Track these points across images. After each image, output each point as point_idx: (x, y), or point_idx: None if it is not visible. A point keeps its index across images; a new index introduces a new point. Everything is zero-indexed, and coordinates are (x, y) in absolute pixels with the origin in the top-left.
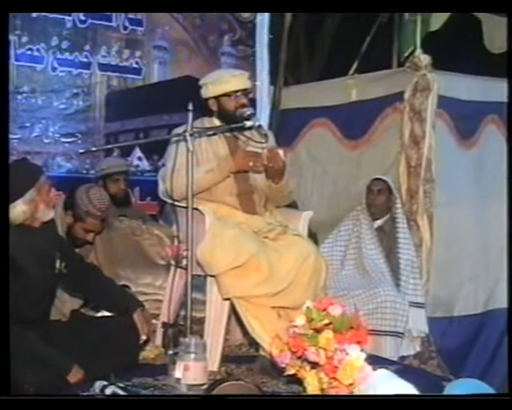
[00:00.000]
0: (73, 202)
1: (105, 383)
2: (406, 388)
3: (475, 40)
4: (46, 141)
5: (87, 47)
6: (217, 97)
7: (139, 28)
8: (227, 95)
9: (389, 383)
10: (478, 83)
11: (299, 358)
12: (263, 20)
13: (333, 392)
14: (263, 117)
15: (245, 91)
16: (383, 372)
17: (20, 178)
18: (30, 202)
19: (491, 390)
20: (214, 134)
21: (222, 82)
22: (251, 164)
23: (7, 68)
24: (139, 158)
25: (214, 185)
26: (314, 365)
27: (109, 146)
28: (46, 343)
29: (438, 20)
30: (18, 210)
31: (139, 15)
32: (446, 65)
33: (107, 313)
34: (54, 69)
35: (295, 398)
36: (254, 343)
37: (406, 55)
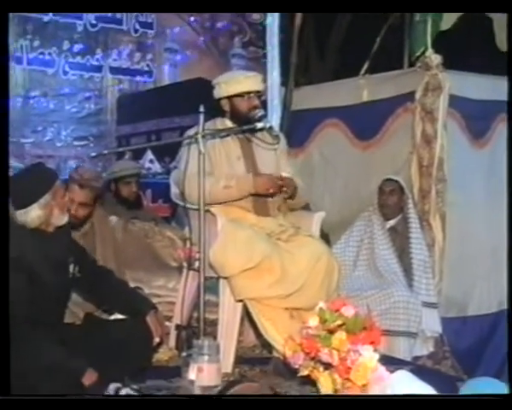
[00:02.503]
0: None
1: (119, 385)
2: (425, 389)
3: (486, 39)
4: (58, 144)
5: (98, 50)
6: (229, 98)
7: (149, 31)
8: (240, 95)
9: (408, 385)
10: (489, 82)
11: (313, 359)
12: (273, 21)
13: (346, 393)
14: (274, 118)
15: (258, 93)
16: (402, 374)
17: (36, 182)
18: (45, 206)
19: (506, 388)
20: (226, 135)
21: (236, 82)
22: (271, 190)
23: (7, 68)
24: (151, 161)
25: (231, 201)
26: (327, 366)
27: (121, 149)
28: (60, 347)
29: (448, 19)
30: (33, 215)
31: (149, 18)
32: (457, 64)
33: (120, 316)
34: (65, 73)
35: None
36: (267, 345)
37: (417, 54)
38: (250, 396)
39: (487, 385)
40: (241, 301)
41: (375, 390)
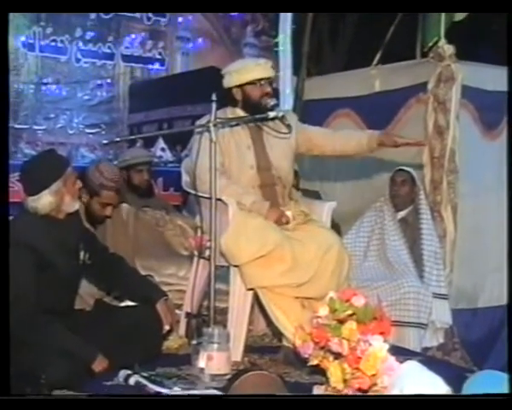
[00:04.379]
0: (86, 179)
1: (129, 372)
2: (435, 380)
3: (500, 30)
4: (70, 132)
5: (110, 38)
6: (241, 86)
7: (162, 19)
8: (251, 83)
9: (418, 376)
10: (503, 73)
11: (323, 348)
12: None
13: (356, 383)
14: (286, 108)
15: (269, 80)
16: (412, 365)
17: (47, 169)
18: (56, 193)
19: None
20: (237, 124)
21: (247, 70)
22: (280, 220)
23: (7, 68)
24: (162, 149)
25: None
26: (337, 355)
27: (133, 137)
28: (71, 333)
29: None
30: (44, 201)
31: None
32: (471, 55)
33: (130, 303)
34: (78, 60)
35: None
36: (278, 334)
37: (430, 45)
38: (251, 396)
39: (494, 379)
40: (251, 289)
41: (384, 381)
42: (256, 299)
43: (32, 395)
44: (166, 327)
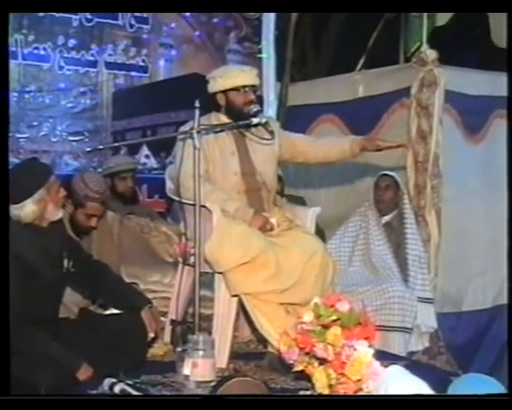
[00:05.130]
0: (70, 190)
1: (114, 380)
2: (419, 385)
3: (482, 35)
4: (54, 140)
5: (93, 45)
6: (225, 91)
7: (145, 26)
8: (236, 89)
9: (402, 381)
10: (485, 77)
11: (308, 354)
12: (269, 16)
13: (341, 388)
14: (270, 114)
15: (253, 88)
16: (396, 369)
17: (30, 177)
18: (39, 201)
19: (498, 385)
20: (221, 131)
21: (231, 76)
22: (264, 226)
23: (7, 68)
24: (146, 156)
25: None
26: (322, 361)
27: (116, 144)
28: (55, 341)
29: (444, 15)
30: (27, 209)
31: (145, 13)
32: (453, 60)
33: (115, 311)
34: (60, 68)
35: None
36: (263, 340)
37: (413, 50)
38: (245, 396)
39: (479, 382)
40: (236, 296)
41: (369, 385)
42: (241, 305)
43: (31, 395)
44: (151, 335)
